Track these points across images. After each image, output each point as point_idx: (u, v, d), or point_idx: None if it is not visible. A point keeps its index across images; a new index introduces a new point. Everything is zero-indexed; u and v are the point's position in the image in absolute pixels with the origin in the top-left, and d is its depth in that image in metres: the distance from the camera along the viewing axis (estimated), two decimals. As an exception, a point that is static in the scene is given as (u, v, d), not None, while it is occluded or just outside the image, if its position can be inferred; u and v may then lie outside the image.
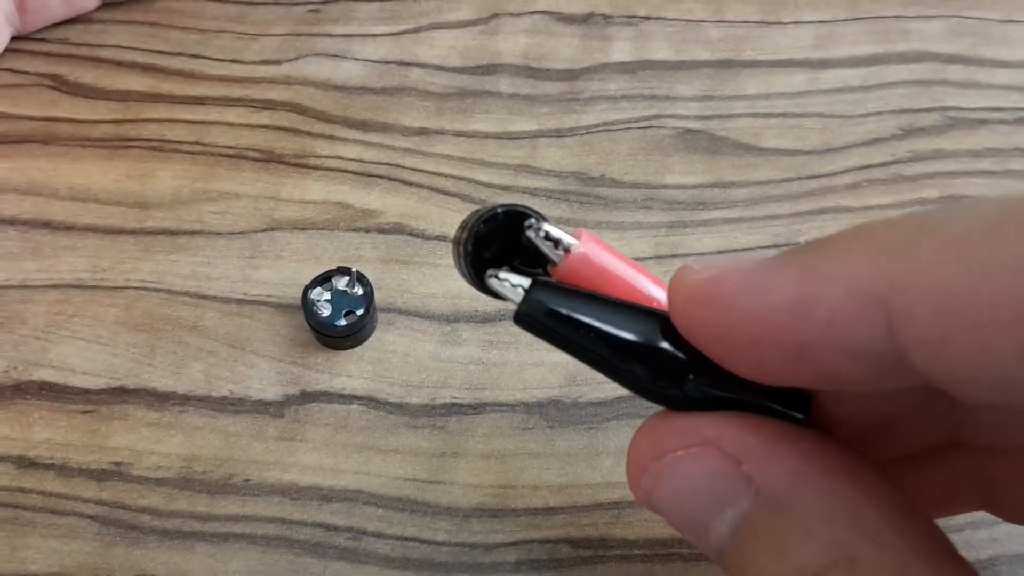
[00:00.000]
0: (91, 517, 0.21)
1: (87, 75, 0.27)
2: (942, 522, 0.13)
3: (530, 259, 0.16)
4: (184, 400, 0.22)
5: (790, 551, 0.12)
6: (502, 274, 0.15)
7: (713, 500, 0.13)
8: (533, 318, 0.14)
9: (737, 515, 0.13)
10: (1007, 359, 0.10)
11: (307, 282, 0.22)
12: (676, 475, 0.13)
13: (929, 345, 0.11)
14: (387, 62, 0.28)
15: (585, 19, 0.29)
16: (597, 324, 0.14)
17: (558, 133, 0.26)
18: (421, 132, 0.26)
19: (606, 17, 0.29)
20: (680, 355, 0.14)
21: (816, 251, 0.12)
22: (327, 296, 0.22)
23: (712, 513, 0.13)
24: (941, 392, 0.11)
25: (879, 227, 0.12)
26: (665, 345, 0.14)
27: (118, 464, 0.21)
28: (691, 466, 0.13)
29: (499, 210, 0.15)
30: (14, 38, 0.28)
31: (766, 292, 0.12)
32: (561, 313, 0.14)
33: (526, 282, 0.14)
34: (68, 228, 0.25)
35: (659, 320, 0.14)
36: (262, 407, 0.22)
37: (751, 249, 0.25)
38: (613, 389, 0.22)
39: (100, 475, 0.21)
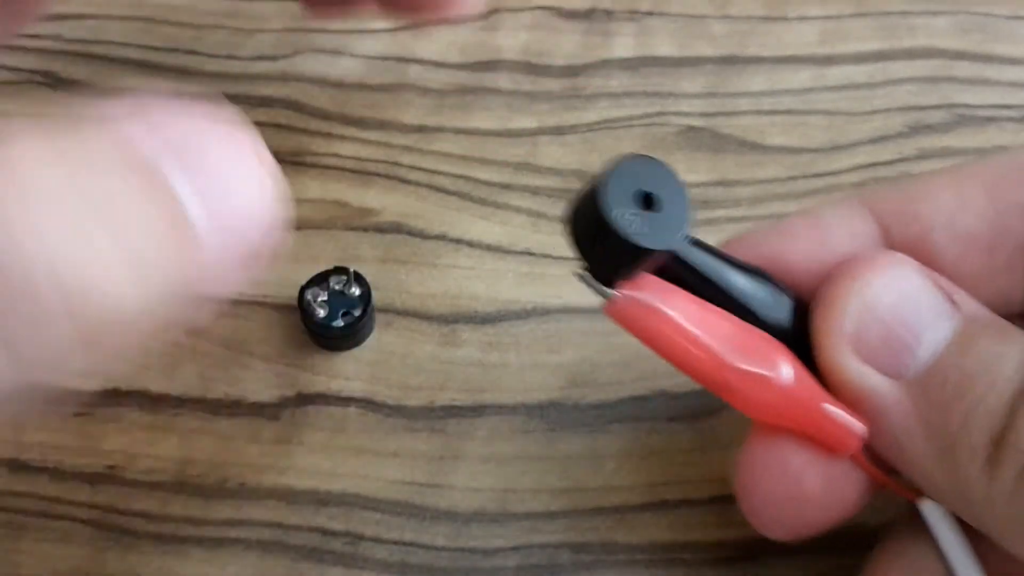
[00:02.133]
0: (84, 521, 0.20)
1: (80, 72, 0.27)
2: None
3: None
4: (179, 402, 0.22)
5: (1016, 336, 0.15)
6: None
7: (929, 312, 0.15)
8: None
9: (950, 327, 0.15)
10: None
11: (303, 282, 0.22)
12: (901, 286, 0.15)
13: None
14: (385, 58, 0.27)
15: (587, 14, 0.28)
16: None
17: (559, 131, 0.26)
18: (420, 129, 0.26)
19: (608, 12, 0.28)
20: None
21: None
22: (324, 296, 0.22)
23: (928, 323, 0.15)
24: None
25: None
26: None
27: (112, 467, 0.21)
28: (914, 279, 0.16)
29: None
30: None
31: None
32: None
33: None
34: (61, 227, 0.24)
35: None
36: (258, 410, 0.22)
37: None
38: (615, 391, 0.22)
39: (93, 478, 0.21)
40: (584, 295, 0.23)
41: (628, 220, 0.14)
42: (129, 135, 0.10)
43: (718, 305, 0.16)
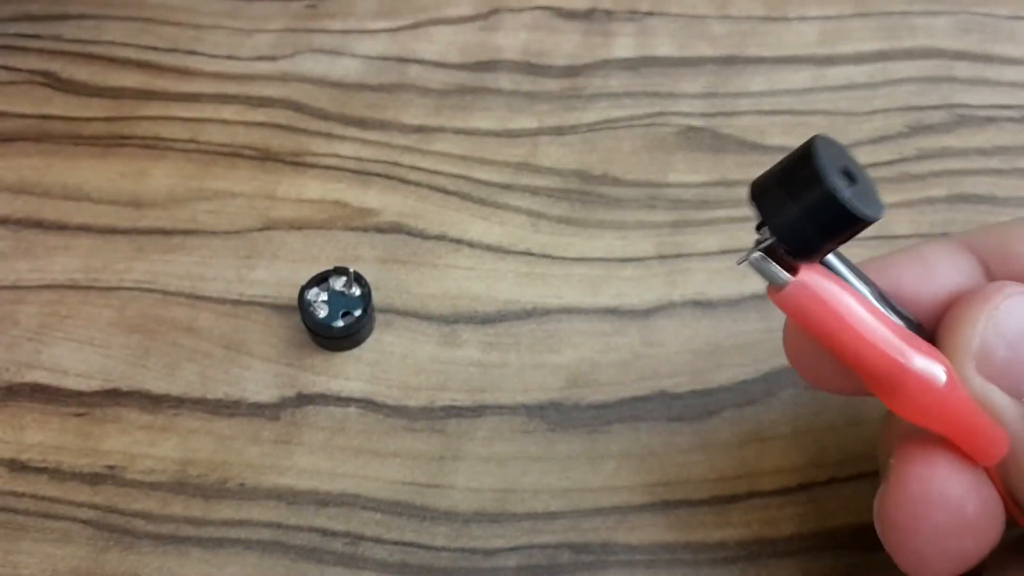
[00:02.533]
0: (84, 521, 0.20)
1: (80, 72, 0.27)
2: None
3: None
4: (178, 403, 0.22)
5: None
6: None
7: None
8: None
9: None
10: None
11: (304, 282, 0.22)
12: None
13: None
14: (385, 58, 0.27)
15: (587, 14, 0.28)
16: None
17: (559, 131, 0.26)
18: (420, 130, 0.26)
19: (608, 12, 0.28)
20: None
21: None
22: (324, 297, 0.22)
23: None
24: None
25: None
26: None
27: (111, 468, 0.21)
28: None
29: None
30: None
31: None
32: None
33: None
34: (61, 228, 0.24)
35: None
36: (258, 410, 0.22)
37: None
38: (615, 391, 0.22)
39: (93, 479, 0.21)
40: (584, 295, 0.23)
41: (844, 189, 0.14)
42: None
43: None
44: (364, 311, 0.22)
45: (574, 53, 0.28)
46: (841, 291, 0.15)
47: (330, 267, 0.22)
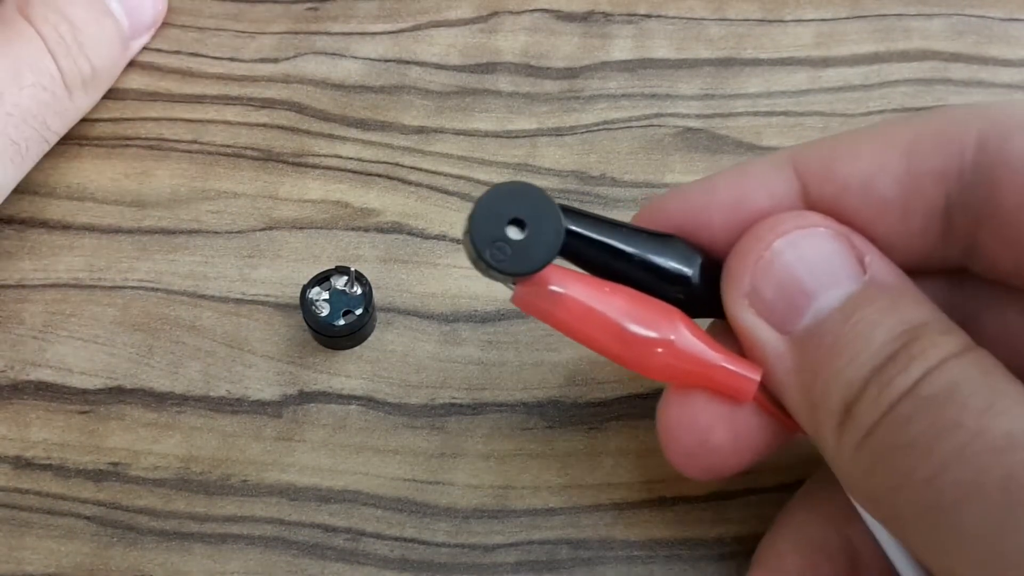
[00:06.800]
0: (88, 518, 0.21)
1: (85, 73, 0.27)
2: None
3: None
4: (182, 400, 0.22)
5: (903, 311, 0.15)
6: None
7: (828, 275, 0.16)
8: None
9: (847, 291, 0.16)
10: None
11: (305, 281, 0.22)
12: (803, 248, 0.16)
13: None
14: (386, 60, 0.28)
15: (585, 17, 0.29)
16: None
17: (558, 132, 0.26)
18: (420, 131, 0.26)
19: (606, 15, 0.29)
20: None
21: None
22: (326, 296, 0.22)
23: (825, 285, 0.16)
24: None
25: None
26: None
27: (115, 464, 0.21)
28: (821, 242, 0.16)
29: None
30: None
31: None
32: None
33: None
34: (65, 227, 0.25)
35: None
36: (260, 407, 0.22)
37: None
38: (613, 389, 0.22)
39: (97, 475, 0.21)
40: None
41: (498, 255, 0.16)
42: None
43: (624, 271, 0.17)
44: (365, 310, 0.22)
45: (573, 55, 0.28)
46: (562, 287, 0.16)
47: (332, 266, 0.23)
